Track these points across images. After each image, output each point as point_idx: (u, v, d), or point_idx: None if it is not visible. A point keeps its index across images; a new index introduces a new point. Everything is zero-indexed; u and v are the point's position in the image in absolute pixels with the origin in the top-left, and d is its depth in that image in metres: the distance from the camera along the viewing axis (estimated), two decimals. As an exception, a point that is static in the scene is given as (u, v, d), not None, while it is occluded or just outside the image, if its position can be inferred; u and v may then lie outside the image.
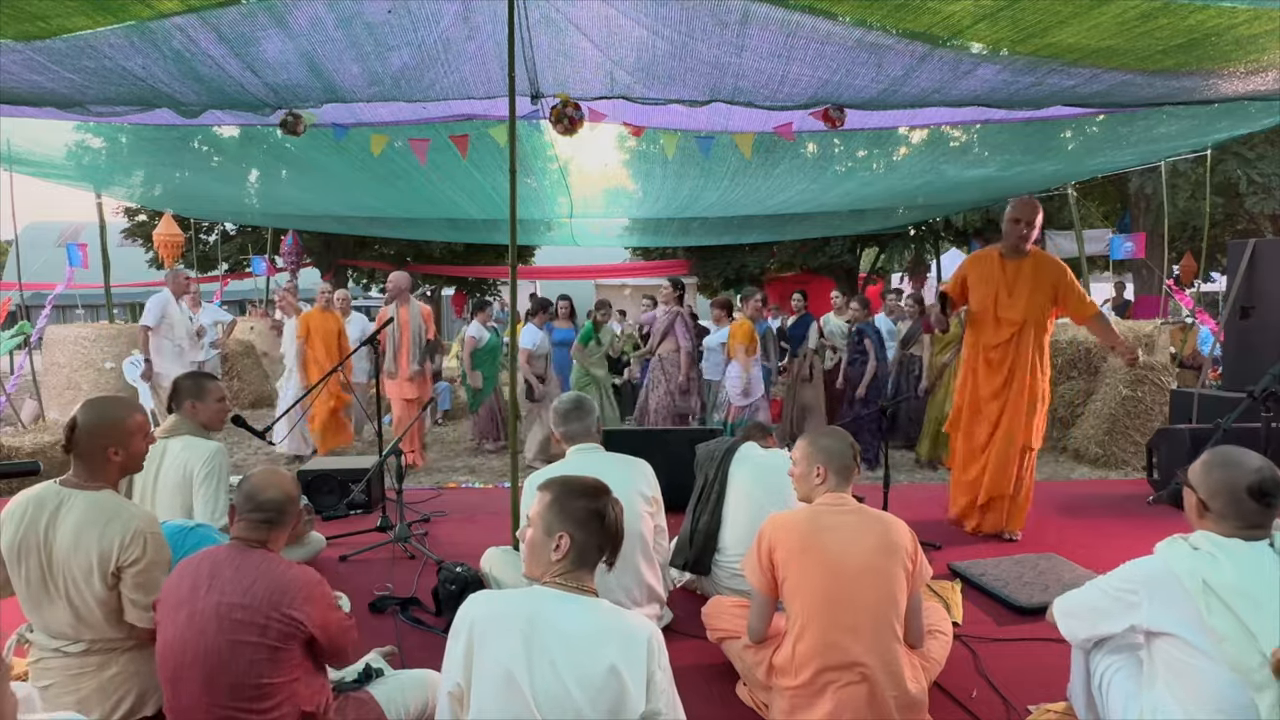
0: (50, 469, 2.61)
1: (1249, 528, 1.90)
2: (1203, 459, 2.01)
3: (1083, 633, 2.15)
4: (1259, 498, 1.88)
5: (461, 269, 17.44)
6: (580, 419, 3.04)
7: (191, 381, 3.20)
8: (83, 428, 2.29)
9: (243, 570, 1.98)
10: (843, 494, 2.41)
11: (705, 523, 3.31)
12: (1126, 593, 1.97)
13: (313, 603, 1.98)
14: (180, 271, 7.45)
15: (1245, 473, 1.90)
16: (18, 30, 3.44)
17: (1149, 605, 1.91)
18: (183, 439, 3.06)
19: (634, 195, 8.50)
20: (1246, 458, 1.95)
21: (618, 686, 1.67)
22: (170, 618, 1.99)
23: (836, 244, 15.32)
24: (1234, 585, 1.81)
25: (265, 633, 1.92)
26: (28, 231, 13.73)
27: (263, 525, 2.06)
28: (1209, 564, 1.85)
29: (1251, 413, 3.41)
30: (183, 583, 2.01)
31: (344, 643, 2.09)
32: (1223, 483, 1.92)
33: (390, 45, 3.93)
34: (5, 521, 2.27)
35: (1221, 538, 1.90)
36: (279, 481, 2.11)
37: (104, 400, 2.43)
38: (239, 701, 1.92)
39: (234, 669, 1.91)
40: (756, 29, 3.65)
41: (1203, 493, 1.97)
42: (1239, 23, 3.23)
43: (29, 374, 7.55)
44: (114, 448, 2.32)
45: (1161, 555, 1.95)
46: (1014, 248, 4.32)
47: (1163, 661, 1.92)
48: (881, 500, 3.98)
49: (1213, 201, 10.47)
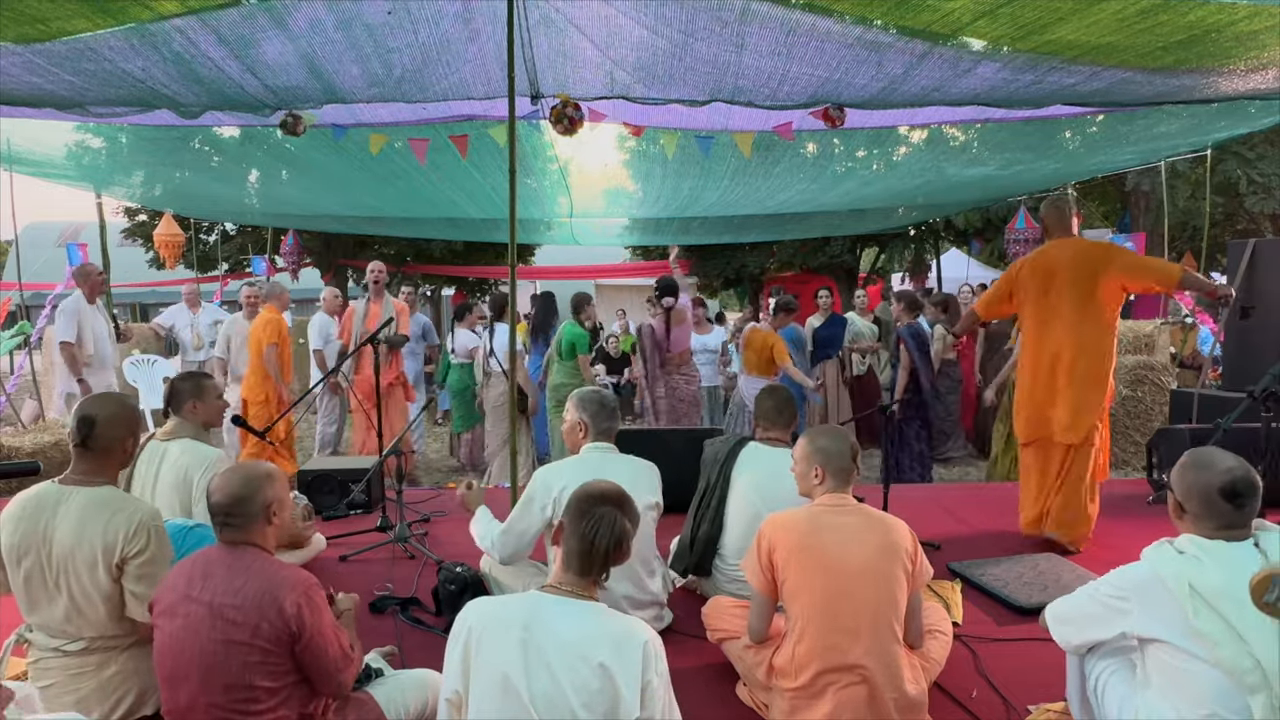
0: (50, 469, 2.62)
1: (1225, 528, 1.91)
2: (1180, 461, 2.02)
3: (1075, 639, 2.15)
4: (1231, 498, 1.89)
5: (461, 269, 17.41)
6: (611, 418, 3.05)
7: (190, 382, 3.21)
8: (103, 421, 2.32)
9: (234, 570, 1.97)
10: (843, 494, 2.41)
11: (706, 530, 3.27)
12: (1117, 599, 1.97)
13: (305, 604, 1.94)
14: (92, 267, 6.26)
15: (1216, 474, 1.91)
16: (17, 33, 3.44)
17: (1139, 612, 1.91)
18: (182, 443, 3.07)
19: (634, 195, 8.50)
20: (1219, 459, 1.95)
21: (610, 689, 1.67)
22: (166, 617, 1.99)
23: (836, 244, 15.31)
24: (1219, 588, 1.81)
25: (256, 633, 1.91)
26: (28, 231, 13.74)
27: (229, 527, 2.02)
28: (1194, 567, 1.86)
29: (1252, 413, 3.41)
30: (178, 582, 2.01)
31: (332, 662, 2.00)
32: (1196, 484, 1.94)
33: (390, 46, 3.93)
34: (5, 522, 2.27)
35: (1205, 540, 1.91)
36: (225, 483, 2.03)
37: (107, 395, 2.49)
38: (235, 702, 1.92)
39: (228, 669, 1.91)
40: (756, 27, 3.65)
41: (1179, 494, 1.98)
42: (1239, 19, 3.23)
43: (29, 374, 7.56)
44: (130, 439, 2.42)
45: (1149, 561, 1.96)
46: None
47: (1155, 666, 1.92)
48: (881, 500, 3.98)
49: (1213, 201, 10.47)
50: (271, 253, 13.07)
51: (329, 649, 1.99)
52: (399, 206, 8.98)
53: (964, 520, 4.57)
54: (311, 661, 1.97)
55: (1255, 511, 1.93)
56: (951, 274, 14.99)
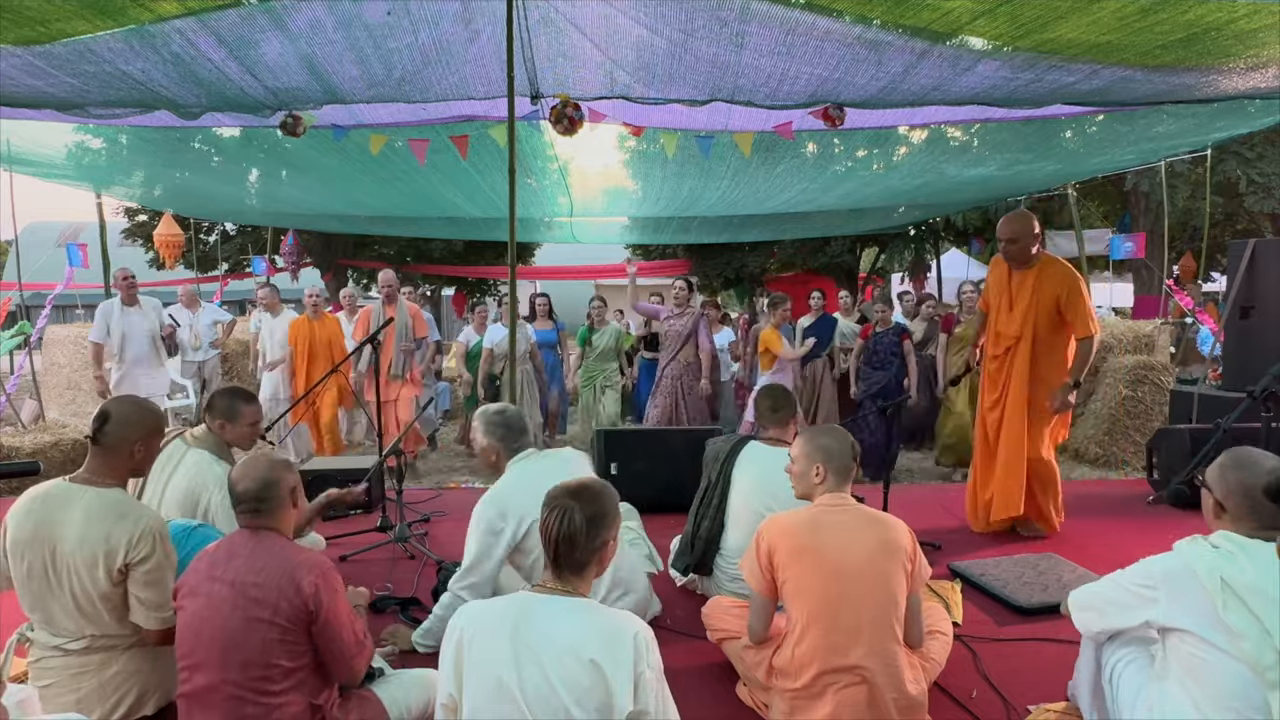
0: (50, 469, 2.63)
1: (1266, 528, 1.93)
2: (1219, 460, 2.04)
3: (1097, 625, 2.16)
4: (1275, 498, 1.91)
5: (462, 269, 17.43)
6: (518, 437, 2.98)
7: (226, 402, 3.07)
8: (116, 419, 2.33)
9: (256, 552, 2.04)
10: (842, 494, 2.40)
11: (706, 528, 3.28)
12: (1145, 588, 1.99)
13: (322, 585, 2.00)
14: (121, 271, 6.42)
15: (1260, 474, 1.93)
16: (18, 35, 3.44)
17: (1167, 601, 1.93)
18: (199, 454, 3.00)
19: (634, 195, 8.50)
20: (1262, 459, 1.98)
21: (602, 684, 1.67)
22: (190, 597, 2.04)
23: (836, 244, 15.32)
24: (1252, 584, 1.83)
25: (277, 612, 1.96)
26: (28, 231, 13.73)
27: (251, 514, 2.09)
28: (1228, 562, 1.88)
29: (1252, 413, 3.41)
30: (201, 566, 2.07)
31: (348, 646, 2.06)
32: (1239, 484, 1.96)
33: (390, 47, 3.93)
34: (12, 516, 2.29)
35: (1242, 538, 1.93)
36: (252, 470, 2.11)
37: (136, 398, 2.49)
38: (252, 680, 1.95)
39: (248, 647, 1.96)
40: (756, 26, 3.65)
41: (1219, 494, 2.00)
42: (1238, 17, 3.23)
43: (29, 374, 7.56)
44: (139, 444, 2.37)
45: (1181, 552, 1.97)
46: (1016, 260, 4.16)
47: (1176, 657, 1.94)
48: (882, 500, 3.98)
49: (1213, 201, 10.47)
50: (271, 253, 13.07)
51: (343, 632, 2.05)
52: (399, 206, 8.98)
53: (964, 520, 4.57)
54: (326, 645, 2.03)
55: None
56: (951, 274, 14.99)
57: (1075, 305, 4.01)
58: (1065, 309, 4.02)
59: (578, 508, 1.80)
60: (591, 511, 1.81)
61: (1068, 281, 4.03)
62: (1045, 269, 4.09)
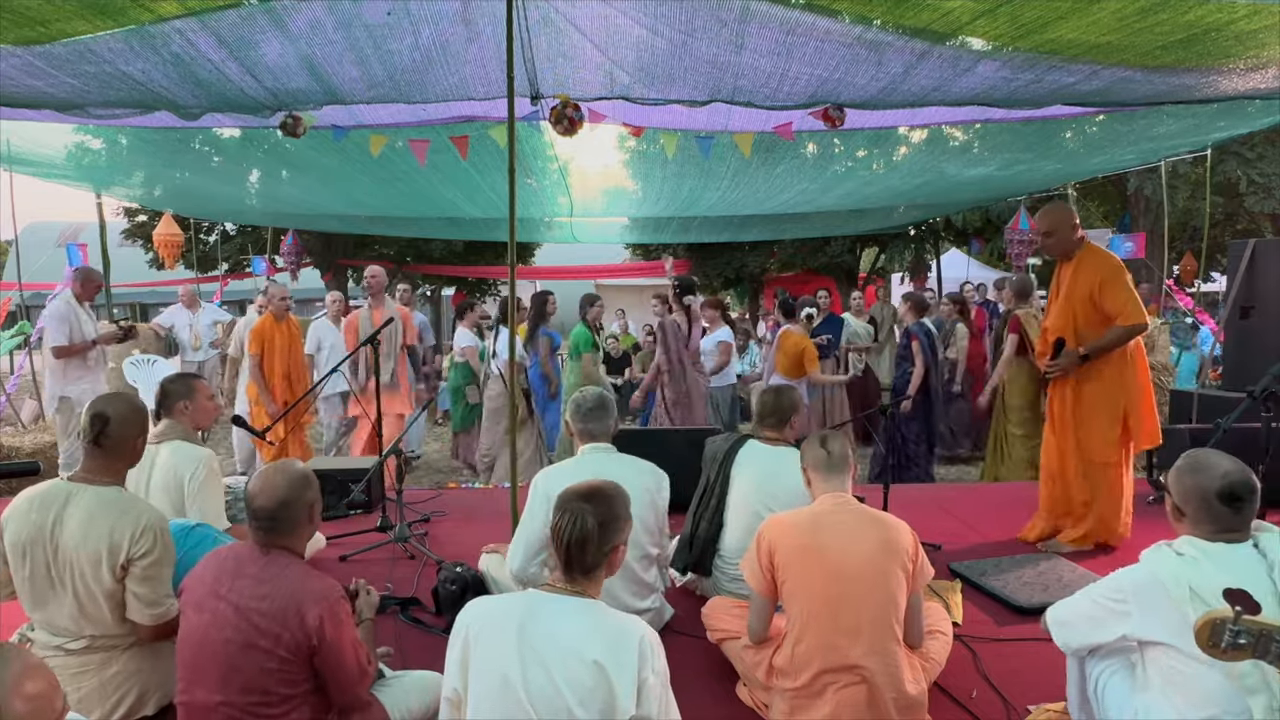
0: (50, 469, 2.63)
1: (1224, 531, 1.91)
2: (1177, 463, 2.02)
3: (1075, 642, 2.15)
4: (1229, 501, 1.89)
5: (461, 269, 17.42)
6: (601, 419, 3.04)
7: (180, 384, 3.23)
8: (117, 419, 2.35)
9: (264, 574, 1.99)
10: (843, 494, 2.41)
11: (705, 528, 3.27)
12: (1116, 602, 1.97)
13: (328, 617, 1.95)
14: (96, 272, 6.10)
15: (1215, 478, 1.91)
16: (17, 35, 3.44)
17: (1139, 614, 1.91)
18: (172, 444, 3.08)
19: (634, 195, 8.50)
20: (1216, 461, 1.95)
21: (605, 686, 1.67)
22: (194, 610, 2.02)
23: (836, 244, 15.33)
24: (1219, 589, 1.79)
25: (278, 642, 1.92)
26: (28, 231, 13.72)
27: (266, 531, 2.04)
28: (1194, 569, 1.86)
29: (1252, 413, 3.41)
30: (207, 575, 2.03)
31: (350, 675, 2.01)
32: (1194, 488, 1.93)
33: (390, 48, 3.93)
34: (10, 517, 2.29)
35: (1204, 542, 1.91)
36: (270, 486, 2.03)
37: (122, 395, 2.51)
38: (251, 704, 1.94)
39: (247, 672, 1.93)
40: (756, 26, 3.65)
41: (1177, 498, 1.98)
42: (1239, 18, 3.23)
43: (29, 374, 7.56)
44: (142, 437, 2.46)
45: (1147, 563, 1.96)
46: (1055, 253, 4.04)
47: (1155, 668, 1.93)
48: (882, 500, 3.98)
49: (1213, 201, 10.47)
50: (271, 253, 13.07)
51: (346, 662, 2.00)
52: (399, 207, 8.98)
53: (964, 520, 4.57)
54: (329, 673, 1.99)
55: (1254, 514, 1.93)
56: (951, 274, 15.01)
57: (1113, 293, 3.75)
58: (1101, 299, 3.77)
59: (590, 511, 1.81)
60: (604, 515, 1.82)
61: (1103, 271, 3.79)
62: (1084, 259, 3.89)
